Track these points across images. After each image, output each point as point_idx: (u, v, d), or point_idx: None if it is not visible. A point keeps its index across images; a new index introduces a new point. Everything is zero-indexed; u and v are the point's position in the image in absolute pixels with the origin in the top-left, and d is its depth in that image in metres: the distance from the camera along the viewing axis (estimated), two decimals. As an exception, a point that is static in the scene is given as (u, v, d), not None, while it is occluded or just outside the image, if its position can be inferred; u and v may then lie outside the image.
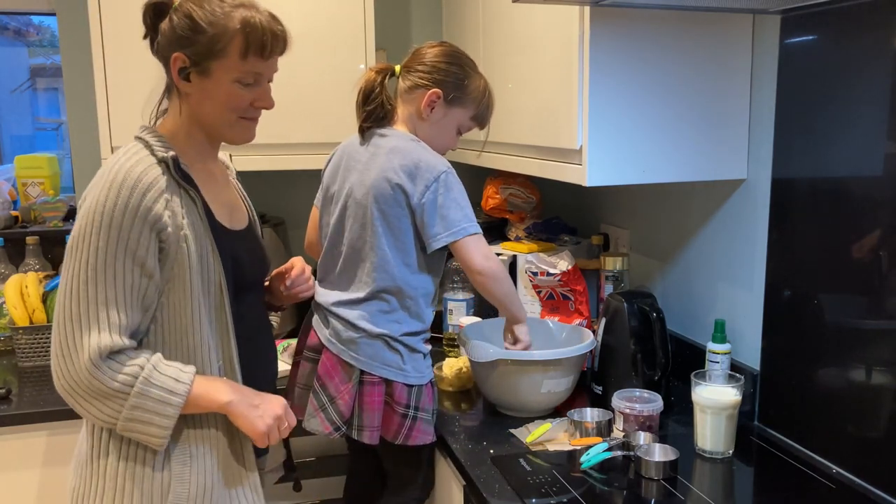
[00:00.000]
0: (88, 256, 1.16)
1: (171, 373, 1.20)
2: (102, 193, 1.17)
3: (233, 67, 1.23)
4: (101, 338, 1.16)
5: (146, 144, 1.24)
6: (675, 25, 1.51)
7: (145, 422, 1.18)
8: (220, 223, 1.30)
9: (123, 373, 1.17)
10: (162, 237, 1.19)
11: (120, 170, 1.18)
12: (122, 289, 1.17)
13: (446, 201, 1.55)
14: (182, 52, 1.23)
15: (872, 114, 1.32)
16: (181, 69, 1.24)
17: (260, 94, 1.29)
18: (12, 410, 1.79)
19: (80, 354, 1.16)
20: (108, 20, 2.01)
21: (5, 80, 5.37)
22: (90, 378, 1.15)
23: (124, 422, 1.18)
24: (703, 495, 1.34)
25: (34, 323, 2.08)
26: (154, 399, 1.18)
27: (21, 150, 5.09)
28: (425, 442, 1.62)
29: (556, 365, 1.65)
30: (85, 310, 1.16)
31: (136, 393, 1.17)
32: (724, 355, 1.64)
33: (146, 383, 1.17)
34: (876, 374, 1.33)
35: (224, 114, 1.27)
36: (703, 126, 1.58)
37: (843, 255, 1.39)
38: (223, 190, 1.38)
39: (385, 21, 2.48)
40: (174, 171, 1.22)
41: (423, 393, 1.62)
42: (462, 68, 1.64)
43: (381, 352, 1.59)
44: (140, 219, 1.17)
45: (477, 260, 1.57)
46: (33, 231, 2.41)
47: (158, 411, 1.18)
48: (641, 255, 2.08)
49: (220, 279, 1.26)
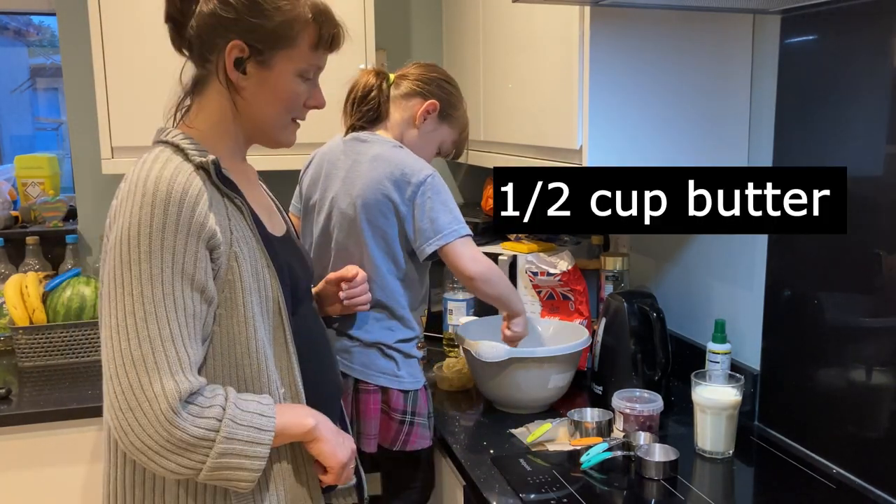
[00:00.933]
0: (142, 288, 0.99)
1: (253, 408, 1.04)
2: (143, 211, 0.99)
3: (300, 59, 1.10)
4: (177, 382, 0.98)
5: (177, 149, 1.07)
6: (675, 25, 1.51)
7: (234, 467, 1.02)
8: (269, 231, 1.16)
9: (205, 417, 1.00)
10: (213, 256, 1.04)
11: (158, 181, 1.01)
12: (184, 320, 1.00)
13: (434, 205, 1.54)
14: (241, 38, 1.06)
15: (872, 113, 1.32)
16: (238, 59, 1.08)
17: (315, 92, 1.16)
18: (12, 410, 1.79)
19: (155, 405, 0.97)
20: (108, 20, 2.01)
21: (5, 80, 5.37)
22: (171, 429, 0.98)
23: (209, 472, 1.01)
24: (703, 495, 1.34)
25: (34, 323, 2.08)
26: (243, 441, 1.02)
27: (21, 150, 5.09)
28: (423, 447, 1.62)
29: (563, 360, 1.69)
30: (149, 351, 0.98)
31: (222, 438, 1.01)
32: (724, 355, 1.64)
33: (232, 425, 1.01)
34: (876, 374, 1.33)
35: (280, 113, 1.13)
36: (704, 126, 1.58)
37: (844, 255, 1.39)
38: (259, 194, 1.24)
39: (385, 21, 2.48)
40: (216, 177, 1.06)
41: (419, 398, 1.62)
42: (457, 90, 1.70)
43: (375, 360, 1.59)
44: (193, 236, 1.00)
45: (466, 265, 1.55)
46: (33, 231, 2.41)
47: (248, 454, 1.03)
48: (641, 255, 2.08)
49: (277, 295, 1.11)
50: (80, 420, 1.80)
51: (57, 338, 2.10)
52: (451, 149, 1.73)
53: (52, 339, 2.09)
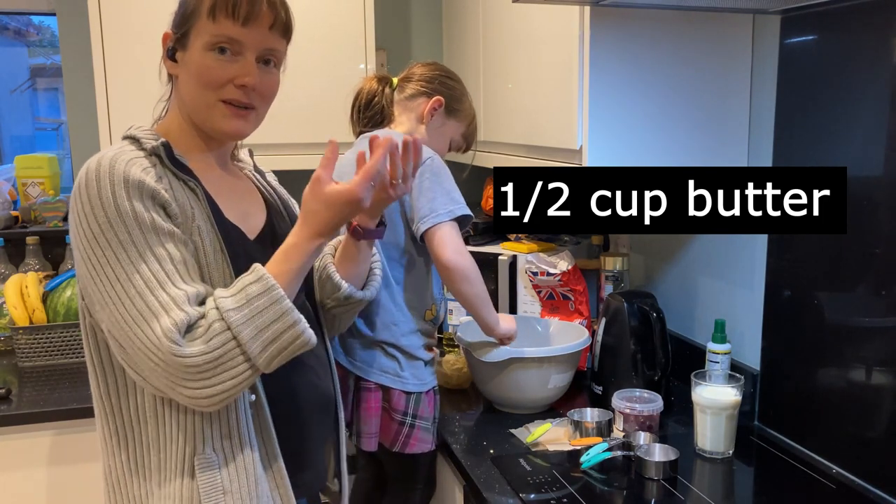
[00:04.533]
0: (115, 254, 0.99)
1: (241, 283, 1.02)
2: (91, 187, 1.00)
3: (203, 31, 1.07)
4: (171, 316, 0.97)
5: (133, 139, 1.10)
6: (675, 25, 1.51)
7: (277, 335, 1.01)
8: (231, 221, 1.14)
9: (211, 332, 0.99)
10: (170, 213, 1.04)
11: (101, 160, 1.02)
12: (171, 267, 1.00)
13: (433, 185, 1.52)
14: (170, 28, 1.11)
15: (872, 113, 1.32)
16: (169, 49, 1.11)
17: (240, 69, 1.09)
18: (12, 410, 1.79)
19: (159, 353, 0.97)
20: (108, 20, 2.01)
21: (5, 80, 5.37)
22: (187, 363, 0.97)
23: (263, 359, 1.01)
24: (703, 495, 1.34)
25: (34, 323, 2.08)
26: (259, 312, 1.00)
27: (21, 150, 5.09)
28: (423, 450, 1.61)
29: (563, 360, 1.69)
30: (143, 305, 0.98)
31: (239, 330, 0.99)
32: (724, 355, 1.64)
33: (235, 313, 0.99)
34: (876, 374, 1.33)
35: (200, 92, 1.09)
36: (704, 126, 1.58)
37: (844, 255, 1.39)
38: (236, 193, 1.21)
39: (385, 21, 2.48)
40: (167, 160, 1.07)
41: (423, 401, 1.61)
42: (460, 84, 1.72)
43: (378, 358, 1.59)
44: (135, 190, 1.00)
45: (446, 252, 1.49)
46: (33, 231, 2.41)
47: (273, 317, 1.01)
48: (641, 255, 2.08)
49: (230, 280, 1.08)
50: (80, 420, 1.80)
51: (57, 338, 2.10)
52: (461, 143, 1.75)
53: (52, 339, 2.09)
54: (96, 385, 1.12)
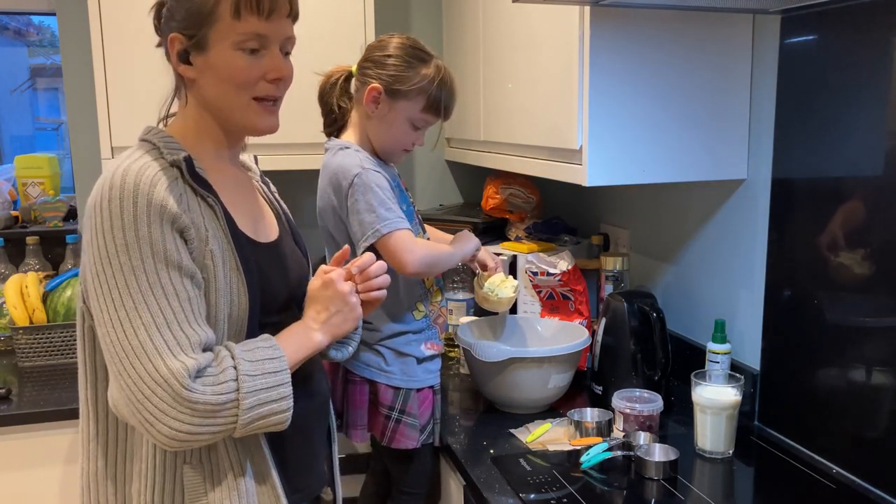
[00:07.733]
0: (126, 280, 0.98)
1: (260, 355, 1.04)
2: (113, 205, 0.99)
3: (228, 31, 1.05)
4: (182, 361, 0.97)
5: (153, 146, 1.07)
6: (675, 25, 1.51)
7: (265, 415, 1.04)
8: (245, 233, 1.13)
9: (221, 382, 1.00)
10: (186, 238, 1.03)
11: (126, 174, 1.00)
12: (178, 305, 1.00)
13: (359, 205, 1.49)
14: (178, 31, 1.07)
15: (872, 113, 1.32)
16: (180, 52, 1.08)
17: (270, 64, 1.08)
18: (12, 410, 1.79)
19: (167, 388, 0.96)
20: (108, 20, 2.01)
21: (5, 80, 5.37)
22: (191, 404, 0.97)
23: (244, 427, 1.03)
24: (703, 495, 1.34)
25: (34, 323, 2.08)
26: (263, 389, 1.02)
27: (21, 150, 5.09)
28: (408, 447, 1.60)
29: (563, 360, 1.68)
30: (146, 338, 0.97)
31: (244, 395, 1.01)
32: (724, 355, 1.64)
33: (248, 380, 1.01)
34: (876, 374, 1.33)
35: (233, 93, 1.08)
36: (704, 126, 1.58)
37: (844, 255, 1.39)
38: (246, 197, 1.21)
39: (385, 21, 2.48)
40: (188, 175, 1.05)
41: (413, 398, 1.60)
42: (404, 59, 1.53)
43: (361, 352, 1.59)
44: (167, 223, 1.00)
45: (403, 260, 1.49)
46: (33, 231, 2.41)
47: (273, 398, 1.03)
48: (641, 255, 2.08)
49: (244, 300, 1.08)
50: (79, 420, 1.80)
51: (57, 338, 2.10)
52: (428, 117, 1.56)
53: (52, 339, 2.09)
54: (84, 387, 1.12)
